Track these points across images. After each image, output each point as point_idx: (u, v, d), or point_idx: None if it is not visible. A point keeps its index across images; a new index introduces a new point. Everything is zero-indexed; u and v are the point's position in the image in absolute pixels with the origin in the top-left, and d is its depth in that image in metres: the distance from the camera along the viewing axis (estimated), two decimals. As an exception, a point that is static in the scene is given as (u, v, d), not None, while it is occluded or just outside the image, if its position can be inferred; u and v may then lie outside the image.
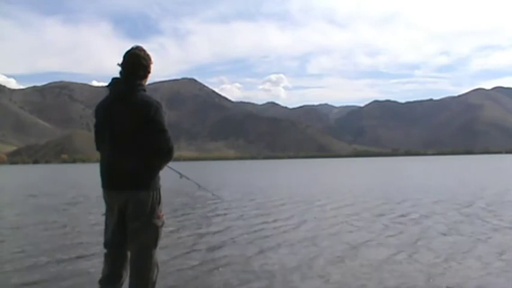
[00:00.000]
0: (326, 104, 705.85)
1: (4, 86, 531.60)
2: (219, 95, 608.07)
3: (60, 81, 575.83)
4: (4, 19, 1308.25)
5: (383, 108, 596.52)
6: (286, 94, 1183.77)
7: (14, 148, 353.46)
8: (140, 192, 3.04)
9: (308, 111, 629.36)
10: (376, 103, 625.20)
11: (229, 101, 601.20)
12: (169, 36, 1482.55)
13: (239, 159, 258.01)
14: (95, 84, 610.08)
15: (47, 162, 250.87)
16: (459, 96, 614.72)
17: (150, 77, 3.26)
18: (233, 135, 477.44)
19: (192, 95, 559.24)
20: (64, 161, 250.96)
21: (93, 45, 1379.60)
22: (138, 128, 3.00)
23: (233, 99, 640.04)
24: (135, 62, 3.11)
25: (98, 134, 3.23)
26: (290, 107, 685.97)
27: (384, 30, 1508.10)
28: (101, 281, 3.17)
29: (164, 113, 3.08)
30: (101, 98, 3.28)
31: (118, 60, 3.14)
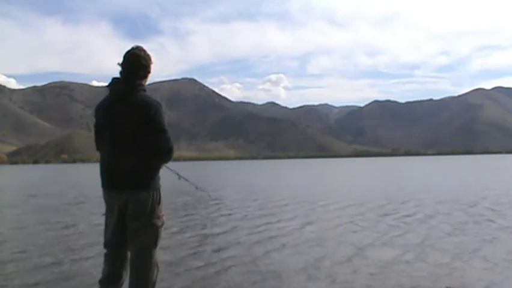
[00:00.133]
0: (326, 104, 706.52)
1: (4, 86, 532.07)
2: (219, 95, 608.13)
3: (60, 81, 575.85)
4: (4, 19, 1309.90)
5: (383, 108, 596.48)
6: (286, 94, 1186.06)
7: (14, 148, 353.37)
8: (140, 192, 3.04)
9: (308, 111, 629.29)
10: (376, 103, 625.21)
11: (229, 101, 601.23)
12: (169, 36, 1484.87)
13: (239, 159, 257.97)
14: (95, 84, 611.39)
15: (47, 162, 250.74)
16: (459, 96, 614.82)
17: (150, 77, 3.26)
18: (233, 135, 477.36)
19: (192, 95, 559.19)
20: (64, 161, 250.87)
21: (93, 45, 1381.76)
22: (138, 128, 3.00)
23: (233, 99, 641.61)
24: (135, 62, 3.12)
25: (98, 134, 3.23)
26: (290, 107, 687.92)
27: (384, 30, 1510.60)
28: (101, 281, 3.18)
29: (164, 113, 3.09)
30: (101, 98, 3.28)
31: (118, 60, 3.14)
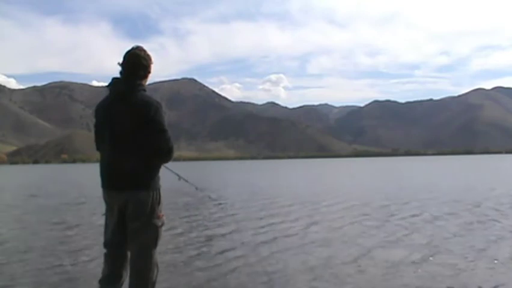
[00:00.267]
0: (326, 104, 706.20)
1: (4, 86, 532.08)
2: (219, 95, 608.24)
3: (60, 81, 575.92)
4: (4, 19, 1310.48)
5: (383, 108, 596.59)
6: (286, 94, 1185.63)
7: (14, 148, 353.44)
8: (140, 192, 3.05)
9: (308, 111, 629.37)
10: (376, 103, 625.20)
11: (229, 101, 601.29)
12: (169, 36, 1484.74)
13: (239, 159, 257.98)
14: (95, 84, 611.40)
15: (47, 162, 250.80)
16: (459, 96, 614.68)
17: (150, 77, 3.26)
18: (233, 135, 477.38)
19: (192, 95, 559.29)
20: (64, 161, 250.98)
21: (93, 45, 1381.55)
22: (138, 128, 3.01)
23: (233, 99, 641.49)
24: (135, 62, 3.12)
25: (98, 134, 3.24)
26: (290, 107, 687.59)
27: (384, 30, 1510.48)
28: (101, 281, 3.18)
29: (164, 113, 3.09)
30: (101, 98, 3.28)
31: (118, 60, 3.14)
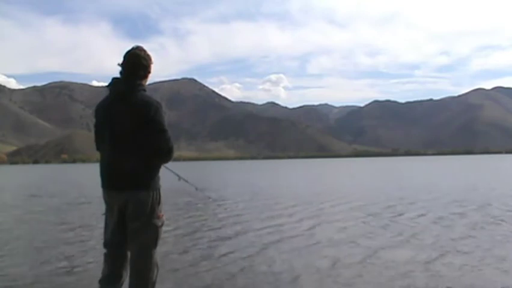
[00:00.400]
0: (326, 104, 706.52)
1: (4, 86, 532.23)
2: (219, 95, 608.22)
3: (60, 81, 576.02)
4: (4, 19, 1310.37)
5: (383, 108, 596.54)
6: (286, 94, 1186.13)
7: (14, 148, 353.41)
8: (140, 192, 3.05)
9: (308, 111, 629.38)
10: (376, 103, 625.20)
11: (229, 101, 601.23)
12: (169, 36, 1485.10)
13: (239, 159, 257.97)
14: (95, 84, 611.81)
15: (47, 162, 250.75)
16: (459, 96, 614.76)
17: (150, 77, 3.27)
18: (233, 135, 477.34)
19: (192, 95, 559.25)
20: (64, 161, 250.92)
21: (93, 45, 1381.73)
22: (138, 128, 3.01)
23: (233, 99, 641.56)
24: (135, 62, 3.12)
25: (98, 134, 3.24)
26: (290, 107, 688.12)
27: (384, 30, 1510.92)
28: (101, 281, 3.18)
29: (164, 113, 3.09)
30: (101, 98, 3.29)
31: (118, 60, 3.15)
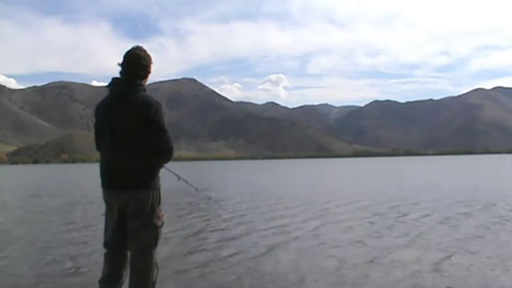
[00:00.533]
0: (326, 104, 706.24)
1: (4, 86, 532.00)
2: (219, 95, 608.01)
3: (60, 81, 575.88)
4: (4, 19, 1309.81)
5: (383, 108, 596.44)
6: (286, 94, 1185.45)
7: (14, 148, 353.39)
8: (140, 192, 3.05)
9: (308, 111, 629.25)
10: (376, 103, 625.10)
11: (229, 101, 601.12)
12: (169, 36, 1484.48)
13: (239, 159, 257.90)
14: (95, 84, 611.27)
15: (47, 162, 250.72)
16: (459, 96, 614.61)
17: (150, 77, 3.26)
18: (233, 135, 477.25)
19: (192, 95, 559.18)
20: (64, 161, 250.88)
21: (93, 45, 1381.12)
22: (138, 128, 3.01)
23: (233, 99, 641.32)
24: (135, 62, 3.12)
25: (98, 134, 3.24)
26: (290, 107, 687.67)
27: (384, 30, 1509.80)
28: (101, 281, 3.19)
29: (164, 113, 3.10)
30: (101, 98, 3.28)
31: (118, 60, 3.14)
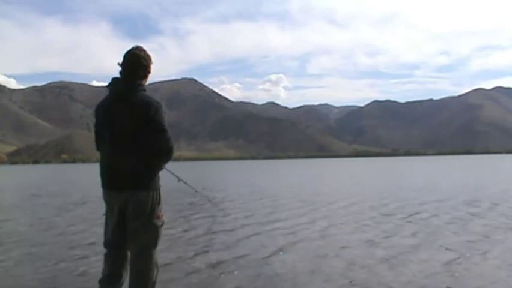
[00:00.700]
0: (326, 104, 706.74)
1: (4, 86, 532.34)
2: (219, 95, 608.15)
3: (60, 81, 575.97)
4: (4, 19, 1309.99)
5: (383, 108, 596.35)
6: (286, 94, 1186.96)
7: (14, 148, 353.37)
8: (140, 192, 3.05)
9: (308, 111, 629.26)
10: (376, 103, 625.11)
11: (229, 101, 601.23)
12: (169, 36, 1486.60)
13: (239, 159, 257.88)
14: (95, 84, 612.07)
15: (47, 162, 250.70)
16: (459, 96, 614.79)
17: (150, 77, 3.26)
18: (233, 135, 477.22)
19: (192, 95, 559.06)
20: (64, 161, 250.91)
21: (93, 45, 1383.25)
22: (138, 128, 3.01)
23: (233, 99, 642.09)
24: (135, 62, 3.12)
25: (98, 134, 3.24)
26: (290, 107, 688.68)
27: (384, 30, 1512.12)
28: (101, 281, 3.18)
29: (164, 113, 3.10)
30: (101, 98, 3.28)
31: (118, 60, 3.15)
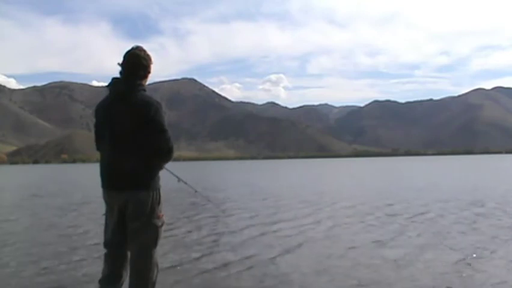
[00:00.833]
0: (326, 104, 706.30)
1: (4, 86, 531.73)
2: (219, 95, 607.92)
3: (60, 81, 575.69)
4: (4, 19, 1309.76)
5: (383, 108, 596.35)
6: (286, 94, 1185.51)
7: (14, 148, 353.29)
8: (140, 192, 3.05)
9: (308, 111, 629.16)
10: (376, 103, 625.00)
11: (229, 101, 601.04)
12: (169, 36, 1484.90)
13: (239, 159, 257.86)
14: (95, 84, 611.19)
15: (47, 162, 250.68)
16: (459, 96, 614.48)
17: (150, 77, 3.26)
18: (233, 135, 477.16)
19: (192, 95, 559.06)
20: (64, 161, 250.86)
21: (93, 45, 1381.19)
22: (138, 128, 3.01)
23: (233, 99, 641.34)
24: (135, 62, 3.12)
25: (98, 134, 3.25)
26: (290, 107, 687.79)
27: (384, 30, 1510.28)
28: (101, 281, 3.18)
29: (164, 113, 3.10)
30: (101, 98, 3.28)
31: (118, 60, 3.14)
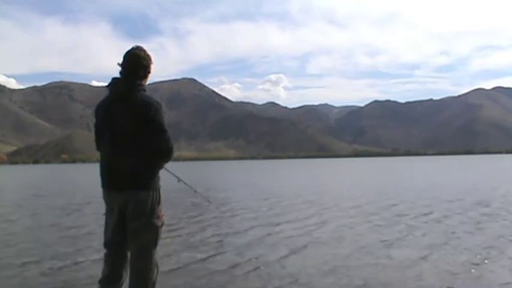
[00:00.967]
0: (326, 104, 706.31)
1: (4, 86, 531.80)
2: (219, 95, 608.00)
3: (60, 81, 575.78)
4: (4, 19, 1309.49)
5: (383, 108, 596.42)
6: (286, 94, 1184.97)
7: (14, 148, 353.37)
8: (140, 192, 3.05)
9: (308, 111, 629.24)
10: (376, 103, 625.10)
11: (229, 101, 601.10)
12: (169, 36, 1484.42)
13: (239, 159, 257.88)
14: (95, 84, 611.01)
15: (47, 162, 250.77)
16: (459, 96, 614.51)
17: (150, 77, 3.27)
18: (233, 135, 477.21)
19: (192, 95, 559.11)
20: (64, 161, 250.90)
21: (93, 45, 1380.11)
22: (138, 128, 3.02)
23: (233, 99, 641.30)
24: (135, 62, 3.13)
25: (98, 134, 3.25)
26: (290, 107, 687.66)
27: (384, 30, 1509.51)
28: (101, 281, 3.18)
29: (164, 113, 3.10)
30: (101, 98, 3.29)
31: (118, 60, 3.15)
